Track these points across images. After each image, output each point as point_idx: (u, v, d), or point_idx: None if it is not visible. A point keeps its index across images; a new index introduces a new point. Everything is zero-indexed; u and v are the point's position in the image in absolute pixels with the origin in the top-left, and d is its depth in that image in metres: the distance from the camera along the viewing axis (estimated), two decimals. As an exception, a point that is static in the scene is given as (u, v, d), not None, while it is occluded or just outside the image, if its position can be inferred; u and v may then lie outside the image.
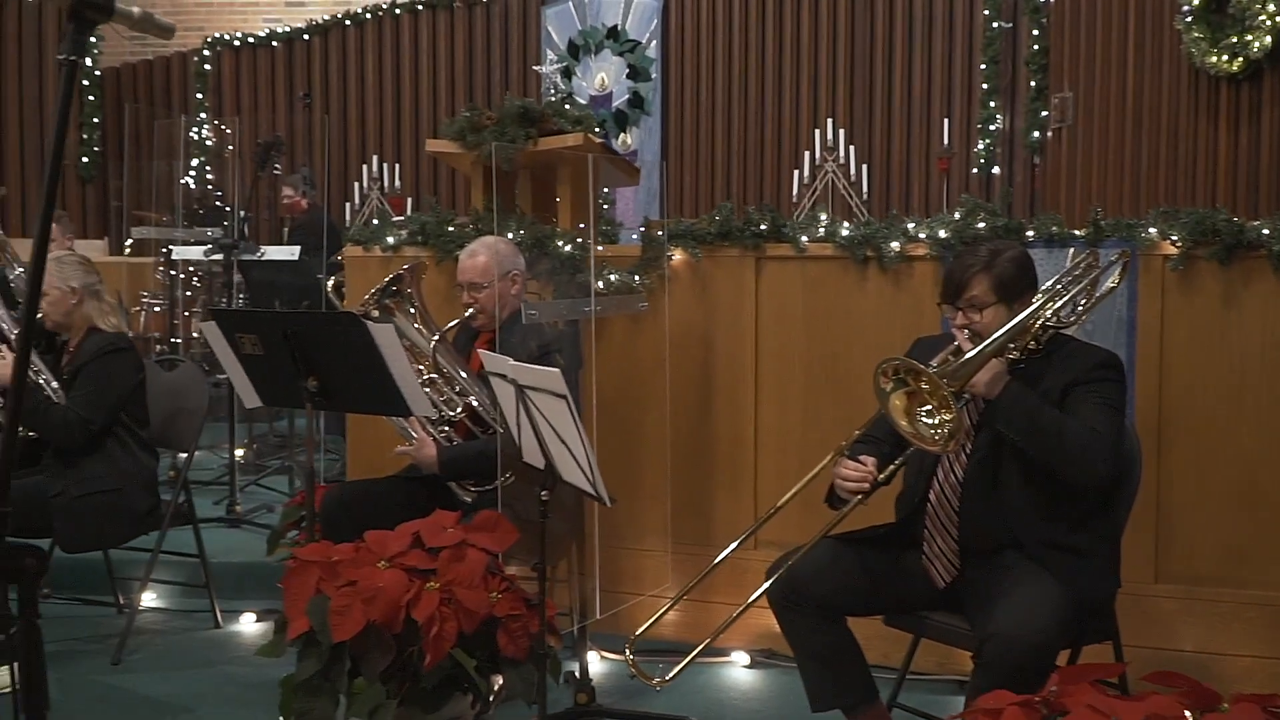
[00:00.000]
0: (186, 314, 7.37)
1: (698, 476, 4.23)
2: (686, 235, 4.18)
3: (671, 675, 2.81)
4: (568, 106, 4.43)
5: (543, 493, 2.77)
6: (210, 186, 9.08)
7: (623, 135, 10.47)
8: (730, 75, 9.92)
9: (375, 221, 4.84)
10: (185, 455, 4.48)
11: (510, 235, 4.25)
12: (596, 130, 4.47)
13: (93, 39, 10.19)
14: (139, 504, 4.14)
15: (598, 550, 3.60)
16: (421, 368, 3.75)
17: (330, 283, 4.32)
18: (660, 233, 4.22)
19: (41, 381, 4.08)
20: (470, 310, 3.88)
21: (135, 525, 4.16)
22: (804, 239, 4.08)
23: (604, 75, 10.42)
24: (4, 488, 1.37)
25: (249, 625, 4.54)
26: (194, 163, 10.26)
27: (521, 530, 3.16)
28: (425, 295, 3.94)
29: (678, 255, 4.22)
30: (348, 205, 10.33)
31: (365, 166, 10.47)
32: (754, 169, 9.88)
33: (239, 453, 6.02)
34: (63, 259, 4.18)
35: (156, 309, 7.65)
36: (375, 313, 3.75)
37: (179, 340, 7.21)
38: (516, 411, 2.77)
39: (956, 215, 3.93)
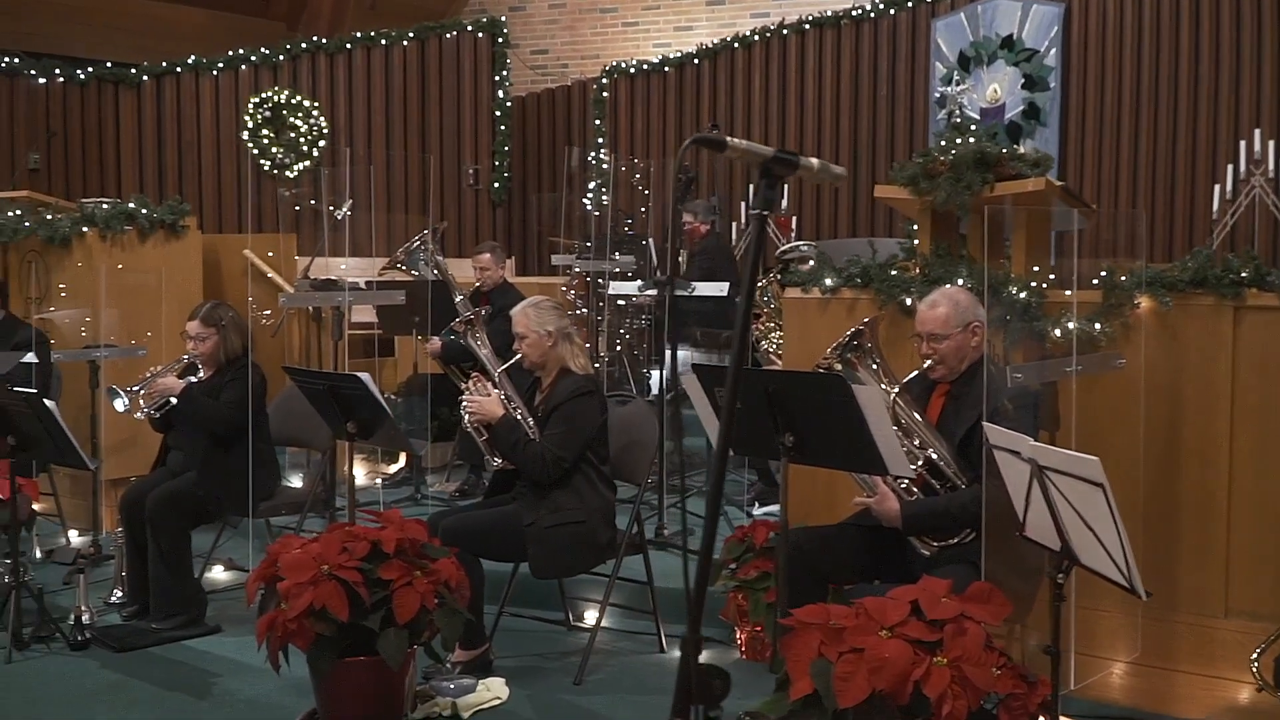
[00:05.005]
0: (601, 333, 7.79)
1: (1161, 539, 4.02)
2: (1156, 282, 3.99)
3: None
4: (1021, 149, 4.34)
5: (1059, 575, 2.72)
6: (620, 212, 9.52)
7: (1015, 148, 10.15)
8: (1139, 82, 9.39)
9: (811, 264, 4.92)
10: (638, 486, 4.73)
11: (960, 282, 4.21)
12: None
13: (504, 72, 10.95)
14: (601, 535, 4.41)
15: (1073, 619, 3.50)
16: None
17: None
18: (1125, 278, 4.06)
19: (519, 418, 4.42)
20: (929, 362, 3.88)
21: (598, 555, 4.43)
22: (1290, 287, 3.81)
23: (997, 86, 10.15)
24: (695, 622, 1.47)
25: (691, 653, 4.72)
26: (590, 186, 10.81)
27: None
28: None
29: (1144, 302, 4.04)
30: (734, 226, 10.61)
31: (749, 186, 10.71)
32: (1164, 183, 9.31)
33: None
34: (540, 304, 4.51)
35: (568, 328, 8.14)
36: (838, 367, 3.81)
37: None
38: (1028, 488, 2.74)
39: None
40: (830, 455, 3.49)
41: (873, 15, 10.58)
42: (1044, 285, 4.20)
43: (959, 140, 4.50)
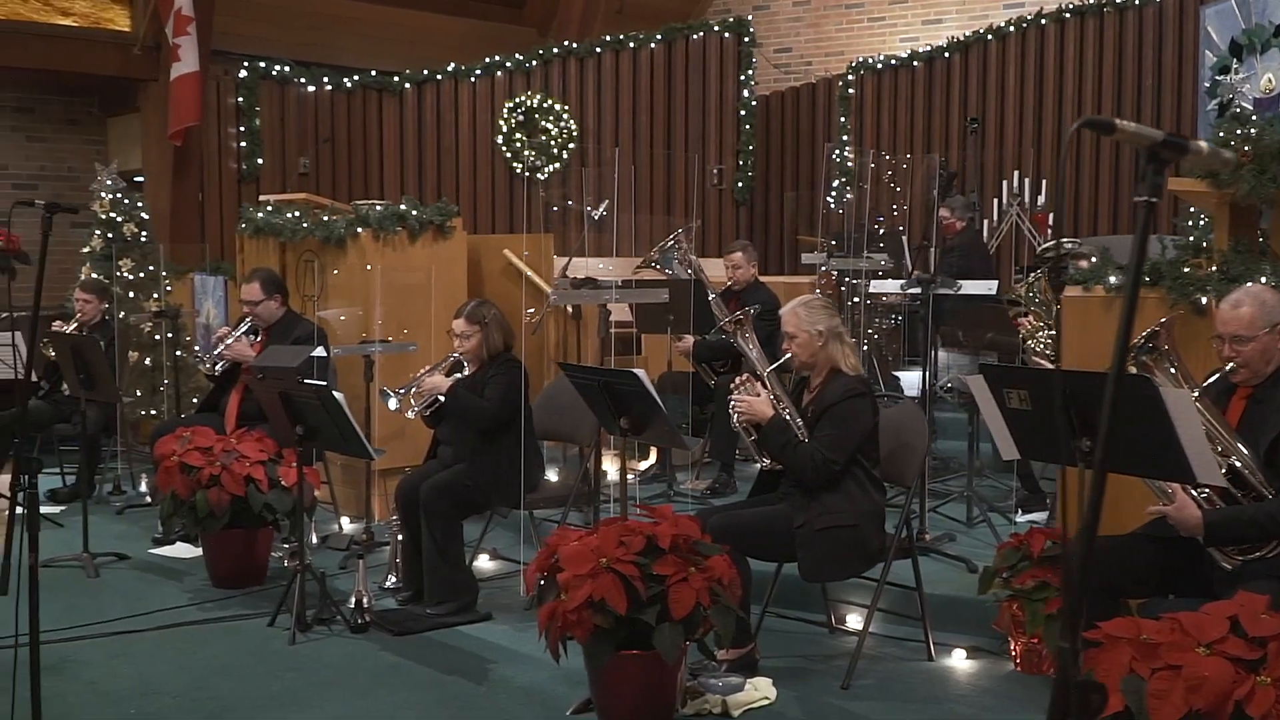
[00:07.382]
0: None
1: None
2: None
3: None
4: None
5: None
6: (871, 210, 9.39)
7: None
8: None
9: (1093, 260, 4.70)
10: (907, 490, 4.63)
11: (1263, 280, 3.95)
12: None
13: (749, 72, 10.94)
14: (872, 540, 4.33)
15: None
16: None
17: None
18: None
19: (788, 419, 4.38)
20: (1231, 365, 3.65)
21: (868, 560, 4.36)
22: None
23: (1271, 76, 9.49)
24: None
25: (960, 661, 4.58)
26: (834, 184, 10.68)
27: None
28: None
29: None
30: (985, 223, 10.27)
31: (1005, 183, 10.36)
32: None
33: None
34: (810, 303, 4.46)
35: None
36: (1132, 370, 3.62)
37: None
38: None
39: None
40: (1131, 461, 3.31)
41: (1137, 2, 10.08)
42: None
43: (1238, 132, 4.21)
